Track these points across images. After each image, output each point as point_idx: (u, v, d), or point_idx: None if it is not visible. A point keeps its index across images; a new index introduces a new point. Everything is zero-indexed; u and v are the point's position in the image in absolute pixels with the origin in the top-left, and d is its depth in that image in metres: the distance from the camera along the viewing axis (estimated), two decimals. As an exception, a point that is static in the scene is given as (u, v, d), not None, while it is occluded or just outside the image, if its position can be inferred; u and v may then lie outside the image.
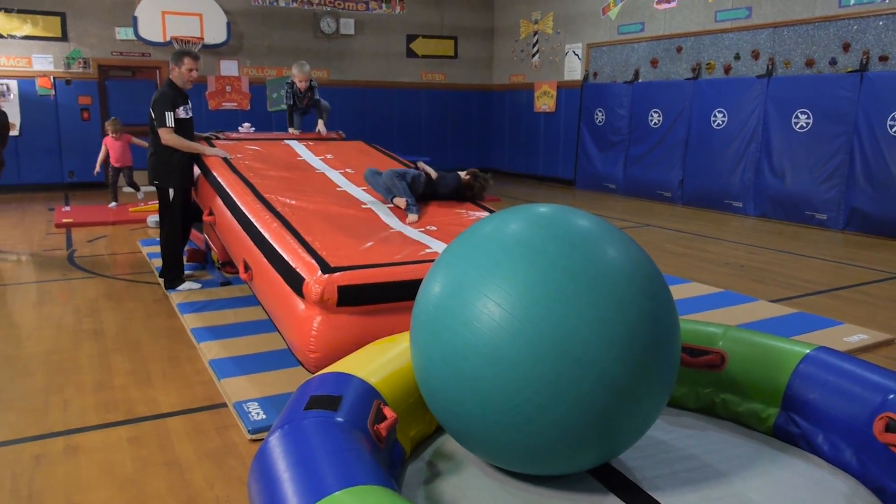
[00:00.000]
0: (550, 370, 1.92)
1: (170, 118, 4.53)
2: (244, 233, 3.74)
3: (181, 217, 4.78)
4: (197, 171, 4.81)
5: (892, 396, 2.23)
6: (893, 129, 7.15)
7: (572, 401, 1.94)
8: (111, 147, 8.23)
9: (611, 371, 1.94)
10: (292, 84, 6.03)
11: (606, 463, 2.36)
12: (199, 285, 4.84)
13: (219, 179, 4.41)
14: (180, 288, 4.78)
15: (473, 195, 4.43)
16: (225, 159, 4.71)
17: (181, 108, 4.59)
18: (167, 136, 4.56)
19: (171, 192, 4.67)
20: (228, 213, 4.08)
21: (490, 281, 2.02)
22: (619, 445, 2.16)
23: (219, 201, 4.31)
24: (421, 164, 4.48)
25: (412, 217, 3.94)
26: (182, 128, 4.62)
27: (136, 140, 8.15)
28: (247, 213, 3.82)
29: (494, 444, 2.11)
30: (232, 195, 4.12)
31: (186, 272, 4.98)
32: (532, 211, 2.25)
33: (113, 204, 8.36)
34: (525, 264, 2.01)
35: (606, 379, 1.94)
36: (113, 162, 8.27)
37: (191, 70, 4.62)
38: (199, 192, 4.83)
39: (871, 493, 2.23)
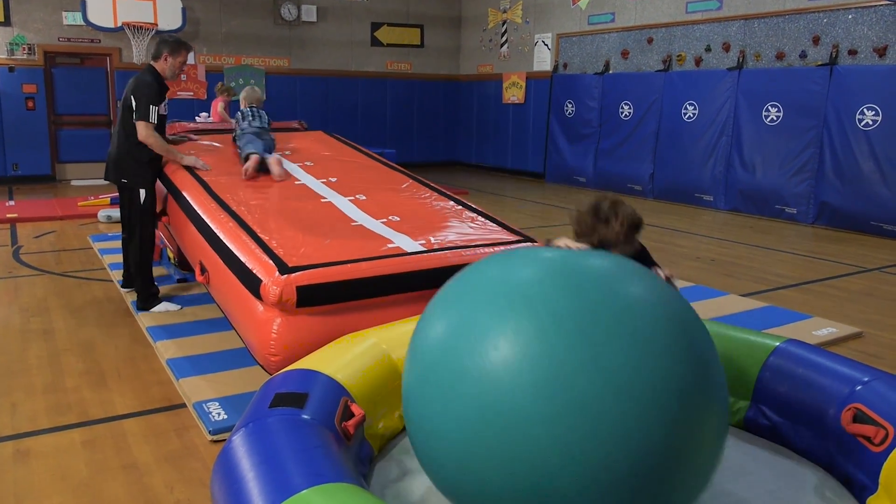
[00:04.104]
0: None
1: (153, 113, 4.04)
2: (199, 234, 3.60)
3: (153, 223, 4.27)
4: None
5: (859, 388, 2.28)
6: (862, 123, 7.13)
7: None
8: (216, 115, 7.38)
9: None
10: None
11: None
12: (179, 307, 4.20)
13: (170, 178, 4.21)
14: (156, 309, 4.16)
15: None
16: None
17: (162, 103, 4.14)
18: (146, 132, 4.01)
19: (143, 193, 4.14)
20: (182, 214, 3.90)
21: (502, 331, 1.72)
22: None
23: (171, 201, 4.13)
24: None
25: None
26: (158, 126, 4.14)
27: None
28: (200, 212, 3.68)
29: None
30: (185, 194, 3.95)
31: None
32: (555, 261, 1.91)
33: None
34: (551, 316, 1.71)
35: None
36: None
37: (184, 63, 4.25)
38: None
39: (839, 483, 2.28)
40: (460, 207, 3.98)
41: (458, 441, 1.74)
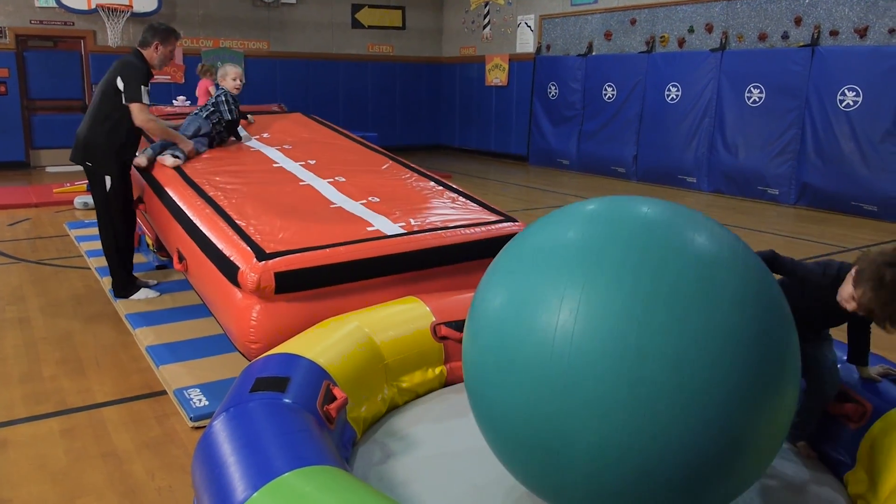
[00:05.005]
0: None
1: (145, 94, 3.85)
2: (175, 221, 3.53)
3: (122, 210, 4.04)
4: None
5: (838, 366, 2.27)
6: (843, 104, 7.16)
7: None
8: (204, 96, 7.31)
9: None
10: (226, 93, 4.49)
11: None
12: (158, 293, 4.10)
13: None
14: (134, 296, 4.05)
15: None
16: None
17: (147, 89, 3.95)
18: (143, 116, 3.81)
19: (109, 180, 3.94)
20: (158, 200, 3.82)
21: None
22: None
23: (147, 187, 4.02)
24: None
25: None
26: None
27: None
28: (176, 199, 3.60)
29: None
30: (160, 181, 3.86)
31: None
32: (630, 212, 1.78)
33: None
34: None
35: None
36: None
37: (173, 52, 4.06)
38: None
39: (817, 459, 2.29)
40: (441, 188, 3.94)
41: (524, 416, 1.66)
